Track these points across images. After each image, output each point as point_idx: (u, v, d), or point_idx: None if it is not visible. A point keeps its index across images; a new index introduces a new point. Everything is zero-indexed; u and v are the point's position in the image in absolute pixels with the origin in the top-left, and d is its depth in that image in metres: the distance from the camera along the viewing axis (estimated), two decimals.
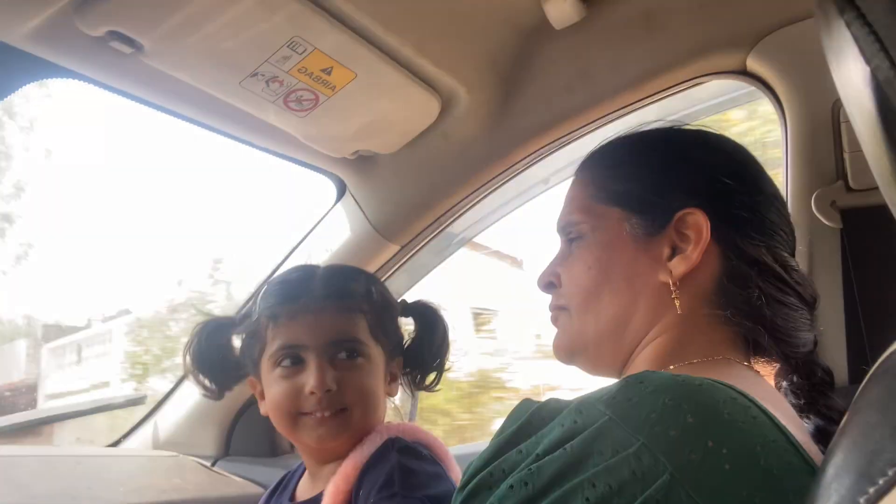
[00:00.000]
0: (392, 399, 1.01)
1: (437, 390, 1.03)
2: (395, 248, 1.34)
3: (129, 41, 0.85)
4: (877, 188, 0.55)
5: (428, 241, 1.34)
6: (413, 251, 1.35)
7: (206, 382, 0.98)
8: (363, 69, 0.98)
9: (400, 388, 1.02)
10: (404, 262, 1.37)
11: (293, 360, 0.90)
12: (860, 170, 0.89)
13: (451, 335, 1.03)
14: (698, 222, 0.65)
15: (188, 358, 0.98)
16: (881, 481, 0.31)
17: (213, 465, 1.46)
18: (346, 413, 0.89)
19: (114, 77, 0.95)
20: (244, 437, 1.47)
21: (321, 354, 0.89)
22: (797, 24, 0.94)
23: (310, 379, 0.88)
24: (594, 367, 0.73)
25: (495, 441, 0.58)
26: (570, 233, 0.73)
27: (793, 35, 0.95)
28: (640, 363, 0.67)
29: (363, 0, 0.89)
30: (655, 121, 0.77)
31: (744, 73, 1.01)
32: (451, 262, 1.52)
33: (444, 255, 1.49)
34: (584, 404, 0.52)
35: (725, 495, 0.44)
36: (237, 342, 1.00)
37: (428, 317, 1.02)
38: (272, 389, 0.92)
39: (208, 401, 1.19)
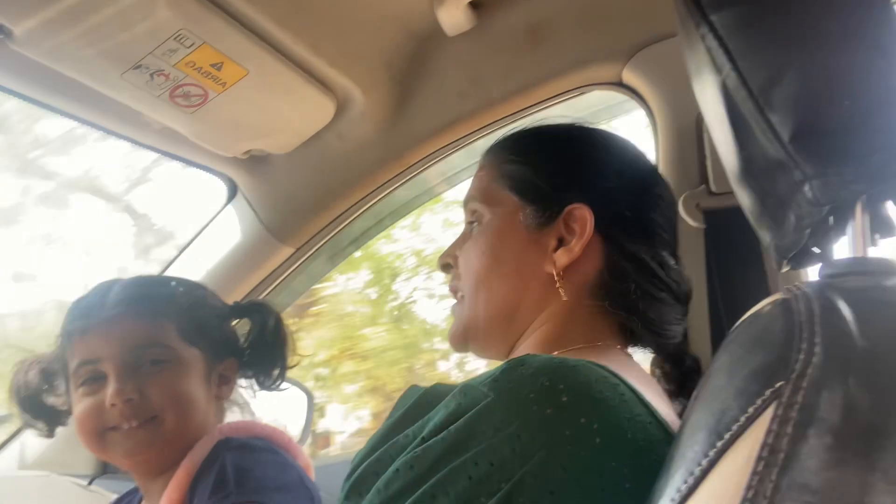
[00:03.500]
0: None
1: (282, 390, 1.00)
2: (289, 250, 1.31)
3: None
4: (732, 191, 0.62)
5: (324, 244, 1.33)
6: (308, 254, 1.34)
7: (38, 424, 0.93)
8: (256, 66, 0.96)
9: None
10: (299, 266, 1.35)
11: (93, 375, 0.86)
12: (720, 175, 0.98)
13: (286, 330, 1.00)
14: (584, 217, 0.69)
15: (15, 405, 0.92)
16: (727, 436, 0.35)
17: (89, 483, 1.36)
18: (156, 421, 0.85)
19: None
20: None
21: (121, 365, 0.85)
22: (667, 41, 1.02)
23: (109, 391, 0.83)
24: (485, 352, 0.75)
25: (383, 427, 0.59)
26: (469, 216, 0.76)
27: (663, 50, 1.03)
28: (526, 348, 0.70)
29: None
30: (559, 117, 0.80)
31: (619, 84, 1.08)
32: None
33: (341, 257, 1.48)
34: (467, 387, 0.53)
35: (596, 467, 0.48)
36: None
37: (258, 314, 0.99)
38: (76, 409, 0.87)
39: None
